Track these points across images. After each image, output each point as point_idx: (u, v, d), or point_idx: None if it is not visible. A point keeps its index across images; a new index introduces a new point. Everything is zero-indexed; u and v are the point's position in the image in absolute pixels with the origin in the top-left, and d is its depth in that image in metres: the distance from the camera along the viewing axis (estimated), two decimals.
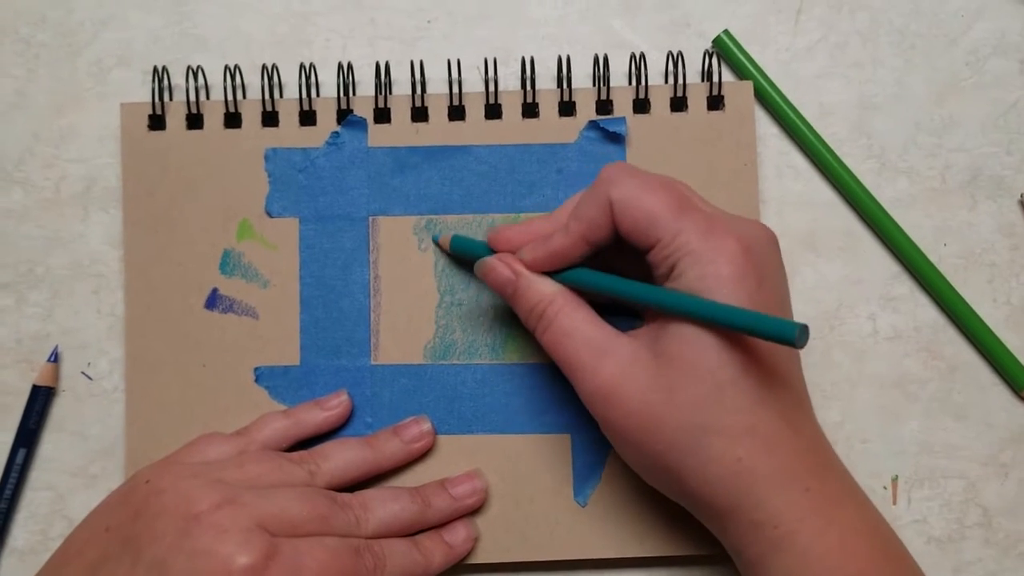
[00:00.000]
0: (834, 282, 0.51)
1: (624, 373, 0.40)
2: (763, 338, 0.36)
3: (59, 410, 0.49)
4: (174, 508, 0.40)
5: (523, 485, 0.48)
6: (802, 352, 0.49)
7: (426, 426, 0.48)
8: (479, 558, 0.47)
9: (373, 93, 0.50)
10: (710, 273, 0.39)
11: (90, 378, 0.50)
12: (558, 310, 0.42)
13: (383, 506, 0.45)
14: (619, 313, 0.46)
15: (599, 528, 0.47)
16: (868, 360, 0.50)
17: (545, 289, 0.43)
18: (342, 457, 0.46)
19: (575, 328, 0.42)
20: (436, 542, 0.46)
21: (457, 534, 0.47)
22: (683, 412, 0.38)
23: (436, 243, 0.49)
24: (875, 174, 0.51)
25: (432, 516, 0.46)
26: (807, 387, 0.42)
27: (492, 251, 0.45)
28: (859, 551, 0.38)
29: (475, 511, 0.48)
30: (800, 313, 0.50)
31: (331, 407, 0.48)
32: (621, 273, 0.43)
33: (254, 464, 0.44)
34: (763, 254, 0.40)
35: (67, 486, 0.49)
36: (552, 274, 0.44)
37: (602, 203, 0.41)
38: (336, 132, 0.50)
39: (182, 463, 0.44)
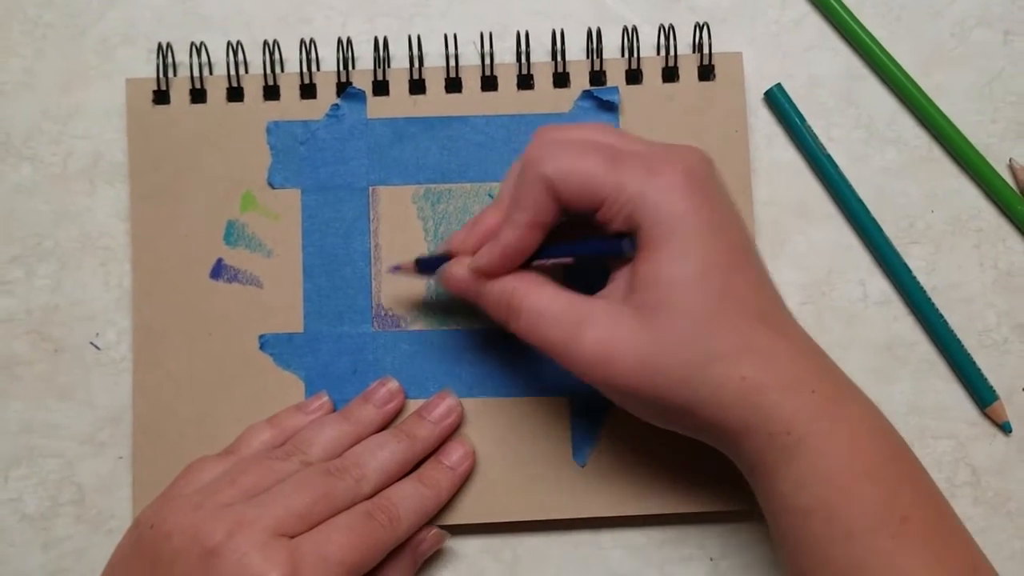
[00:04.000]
0: (825, 249, 0.52)
1: (611, 334, 0.40)
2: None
3: (68, 379, 0.50)
4: (188, 548, 0.40)
5: (524, 447, 0.49)
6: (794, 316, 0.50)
7: (392, 385, 0.49)
8: (481, 518, 0.48)
9: (372, 67, 0.51)
10: (666, 214, 0.39)
11: (98, 348, 0.51)
12: (524, 294, 0.42)
13: (374, 457, 0.45)
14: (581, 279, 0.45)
15: (598, 487, 0.49)
16: (859, 324, 0.51)
17: (506, 280, 0.43)
18: (325, 437, 0.46)
19: (544, 307, 0.41)
20: (437, 469, 0.47)
21: (454, 454, 0.48)
22: (681, 350, 0.39)
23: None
24: (863, 143, 0.52)
25: (420, 447, 0.47)
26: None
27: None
28: (866, 449, 0.39)
29: (468, 476, 0.48)
30: (792, 279, 0.51)
31: (313, 411, 0.49)
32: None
33: (245, 475, 0.44)
34: (706, 178, 0.41)
35: (76, 453, 0.50)
36: None
37: (538, 184, 0.41)
38: (336, 104, 0.51)
39: (179, 496, 0.43)
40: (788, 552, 0.40)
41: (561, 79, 0.51)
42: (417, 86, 0.51)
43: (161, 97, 0.51)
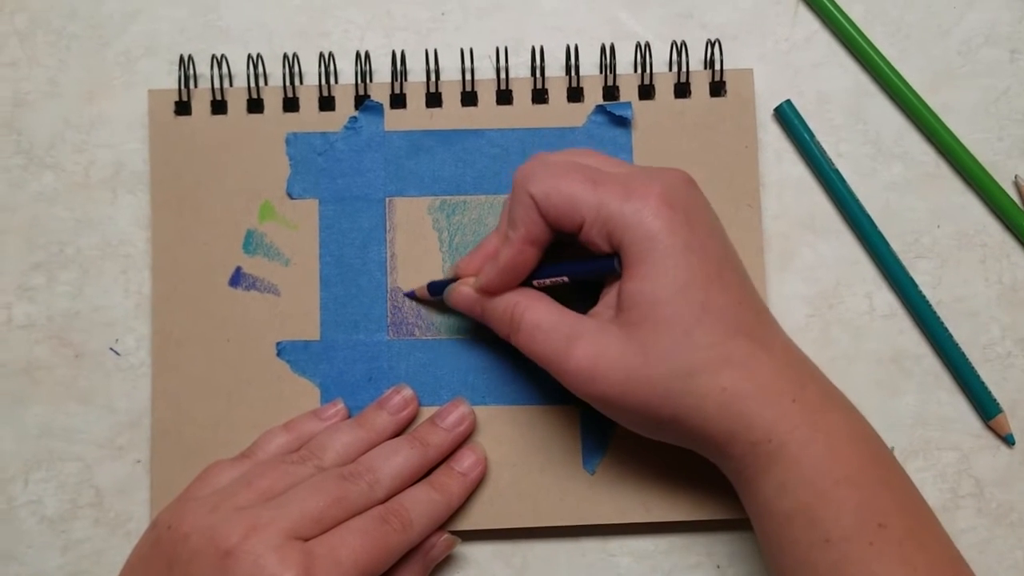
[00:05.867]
0: (832, 262, 0.53)
1: (598, 350, 0.42)
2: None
3: (88, 384, 0.51)
4: (204, 549, 0.41)
5: (534, 455, 0.50)
6: (801, 328, 0.51)
7: (407, 393, 0.50)
8: (492, 524, 0.49)
9: (389, 80, 0.52)
10: (642, 234, 0.41)
11: (118, 354, 0.52)
12: (524, 309, 0.44)
13: (387, 463, 0.46)
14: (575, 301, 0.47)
15: (607, 495, 0.49)
16: (865, 337, 0.52)
17: (509, 296, 0.45)
18: (340, 443, 0.47)
19: (540, 320, 0.44)
20: (449, 475, 0.48)
21: (466, 460, 0.49)
22: (663, 363, 0.41)
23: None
24: (871, 159, 0.53)
25: (433, 454, 0.48)
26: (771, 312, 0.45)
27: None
28: (846, 456, 0.40)
29: (480, 482, 0.49)
30: (799, 292, 0.52)
31: (329, 417, 0.50)
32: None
33: (261, 479, 0.45)
34: (684, 198, 0.42)
35: (95, 456, 0.51)
36: None
37: (526, 202, 0.43)
38: (354, 117, 0.52)
39: (196, 499, 0.44)
40: (771, 556, 0.42)
41: (575, 94, 0.52)
42: (433, 99, 0.52)
43: (182, 108, 0.52)
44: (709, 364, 0.41)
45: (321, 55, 0.52)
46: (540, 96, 0.52)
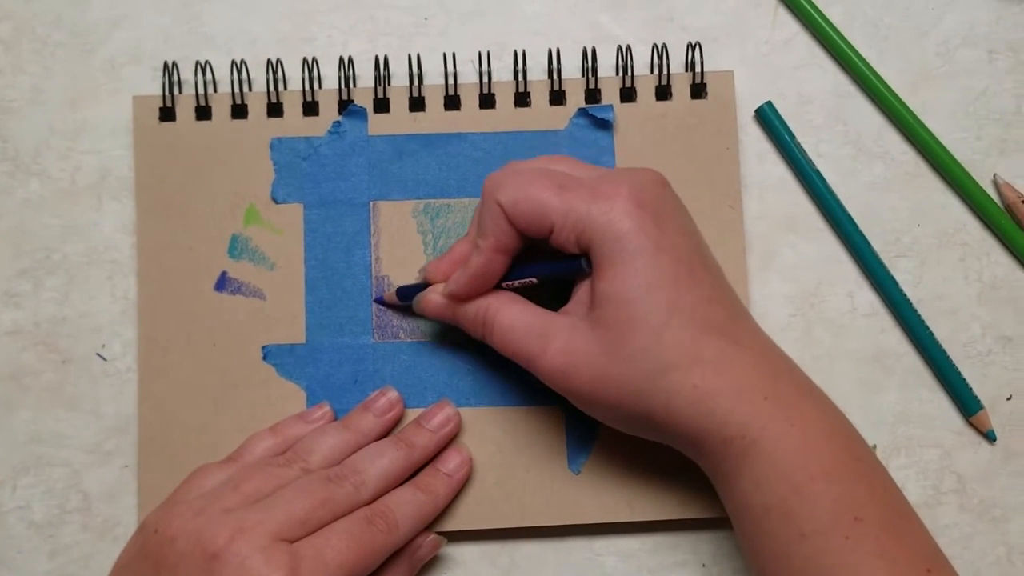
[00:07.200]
0: (814, 262, 0.53)
1: (570, 348, 0.43)
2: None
3: (75, 390, 0.52)
4: (191, 552, 0.41)
5: (520, 455, 0.50)
6: (783, 328, 0.52)
7: (392, 395, 0.50)
8: (478, 524, 0.49)
9: (373, 85, 0.53)
10: (611, 234, 0.41)
11: (104, 359, 0.52)
12: (496, 311, 0.45)
13: (373, 464, 0.47)
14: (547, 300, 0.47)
15: (592, 495, 0.50)
16: (847, 336, 0.53)
17: (480, 300, 0.46)
18: (326, 445, 0.48)
19: (514, 321, 0.45)
20: (434, 476, 0.48)
21: (451, 461, 0.49)
22: (634, 362, 0.41)
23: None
24: (851, 159, 0.54)
25: (418, 455, 0.48)
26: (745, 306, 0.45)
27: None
28: (820, 450, 0.41)
29: (465, 483, 0.50)
30: (781, 292, 0.53)
31: (315, 420, 0.50)
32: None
33: (247, 482, 0.45)
34: (654, 198, 0.43)
35: (82, 462, 0.51)
36: None
37: (495, 211, 0.44)
38: (338, 121, 0.52)
39: (183, 502, 0.44)
40: (749, 551, 0.42)
41: (557, 97, 0.52)
42: (417, 103, 0.52)
43: (167, 114, 0.52)
44: (679, 362, 0.41)
45: (305, 60, 0.53)
46: (522, 100, 0.52)
